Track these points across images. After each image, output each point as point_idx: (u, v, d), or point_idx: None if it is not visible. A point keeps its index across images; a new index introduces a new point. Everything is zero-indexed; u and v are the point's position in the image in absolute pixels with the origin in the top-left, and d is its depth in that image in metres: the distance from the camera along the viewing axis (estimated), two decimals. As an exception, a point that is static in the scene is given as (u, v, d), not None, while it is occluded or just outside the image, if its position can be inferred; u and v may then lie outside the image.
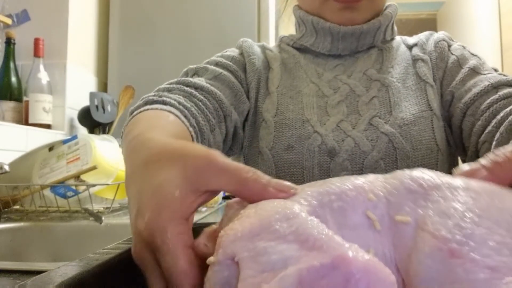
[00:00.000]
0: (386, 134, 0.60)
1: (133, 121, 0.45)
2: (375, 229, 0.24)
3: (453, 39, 0.70)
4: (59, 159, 1.03)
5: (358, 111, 0.63)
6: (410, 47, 0.71)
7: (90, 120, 1.44)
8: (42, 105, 1.38)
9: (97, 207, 1.00)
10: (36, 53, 1.40)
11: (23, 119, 1.38)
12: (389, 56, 0.69)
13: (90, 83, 1.64)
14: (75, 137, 1.06)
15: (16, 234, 0.84)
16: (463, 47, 0.67)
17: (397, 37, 0.73)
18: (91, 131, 1.47)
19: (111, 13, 1.70)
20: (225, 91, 0.62)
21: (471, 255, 0.19)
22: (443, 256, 0.20)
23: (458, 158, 0.67)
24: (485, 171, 0.26)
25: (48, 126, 1.40)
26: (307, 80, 0.68)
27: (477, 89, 0.58)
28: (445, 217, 0.21)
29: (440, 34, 0.70)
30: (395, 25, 0.73)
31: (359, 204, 0.24)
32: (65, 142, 1.06)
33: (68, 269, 0.26)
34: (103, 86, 1.72)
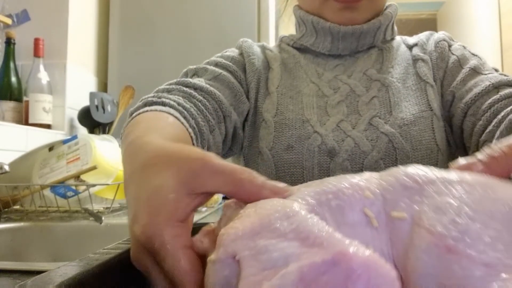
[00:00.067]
0: (386, 134, 0.60)
1: (132, 123, 0.45)
2: (373, 226, 0.24)
3: (453, 39, 0.70)
4: (59, 159, 1.03)
5: (358, 111, 0.63)
6: (410, 47, 0.71)
7: (90, 120, 1.44)
8: (42, 105, 1.38)
9: (97, 207, 1.00)
10: (36, 53, 1.40)
11: (23, 119, 1.38)
12: (389, 56, 0.69)
13: (90, 83, 1.64)
14: (75, 137, 1.06)
15: (16, 234, 0.84)
16: (464, 47, 0.67)
17: (397, 37, 0.73)
18: (91, 131, 1.47)
19: (111, 13, 1.70)
20: (225, 91, 0.62)
21: (467, 251, 0.20)
22: (439, 252, 0.20)
23: (458, 158, 0.67)
24: (481, 165, 0.26)
25: (48, 126, 1.40)
26: (307, 80, 0.68)
27: (478, 89, 0.58)
28: (440, 212, 0.22)
29: (441, 34, 0.70)
30: (395, 25, 0.73)
31: (356, 202, 0.25)
32: (65, 142, 1.06)
33: (68, 269, 0.26)
34: (103, 86, 1.72)
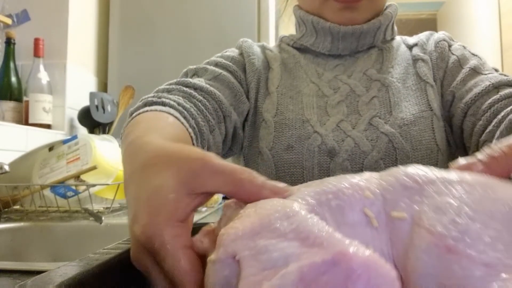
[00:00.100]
0: (386, 134, 0.60)
1: (132, 123, 0.44)
2: (373, 226, 0.24)
3: (453, 39, 0.70)
4: (59, 159, 1.03)
5: (358, 111, 0.63)
6: (410, 47, 0.71)
7: (90, 120, 1.44)
8: (42, 105, 1.38)
9: (97, 207, 1.00)
10: (36, 53, 1.40)
11: (23, 119, 1.38)
12: (389, 56, 0.69)
13: (90, 83, 1.64)
14: (75, 137, 1.06)
15: (16, 234, 0.84)
16: (464, 47, 0.67)
17: (397, 37, 0.73)
18: (91, 131, 1.47)
19: (111, 13, 1.70)
20: (225, 91, 0.62)
21: (467, 251, 0.20)
22: (439, 252, 0.20)
23: (458, 158, 0.67)
24: (481, 165, 0.26)
25: (48, 126, 1.40)
26: (307, 80, 0.68)
27: (478, 89, 0.58)
28: (440, 212, 0.22)
29: (441, 34, 0.70)
30: (395, 25, 0.73)
31: (356, 202, 0.25)
32: (65, 142, 1.06)
33: (68, 269, 0.26)
34: (103, 86, 1.72)
